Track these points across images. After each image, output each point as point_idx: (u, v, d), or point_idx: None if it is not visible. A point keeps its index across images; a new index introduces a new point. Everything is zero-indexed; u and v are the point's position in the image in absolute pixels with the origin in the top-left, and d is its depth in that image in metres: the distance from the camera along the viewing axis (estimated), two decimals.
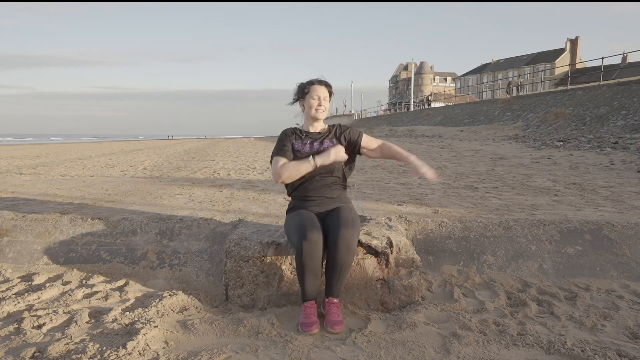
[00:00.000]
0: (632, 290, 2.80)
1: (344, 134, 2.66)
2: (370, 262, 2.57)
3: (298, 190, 2.62)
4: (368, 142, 2.67)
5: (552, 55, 64.80)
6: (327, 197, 2.57)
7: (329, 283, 2.40)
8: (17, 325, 2.28)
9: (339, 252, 2.31)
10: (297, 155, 2.57)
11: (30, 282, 2.91)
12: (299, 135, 2.64)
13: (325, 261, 2.41)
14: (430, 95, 53.39)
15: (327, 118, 2.73)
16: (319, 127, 2.66)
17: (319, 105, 2.56)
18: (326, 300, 2.40)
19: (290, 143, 2.61)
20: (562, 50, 64.72)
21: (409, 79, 75.77)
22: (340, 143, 2.61)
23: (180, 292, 2.76)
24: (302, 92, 2.61)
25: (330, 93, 2.61)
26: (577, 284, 2.91)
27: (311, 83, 2.59)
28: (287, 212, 2.69)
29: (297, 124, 2.73)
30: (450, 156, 10.43)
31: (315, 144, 2.60)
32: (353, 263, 2.51)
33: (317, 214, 2.53)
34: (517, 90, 32.35)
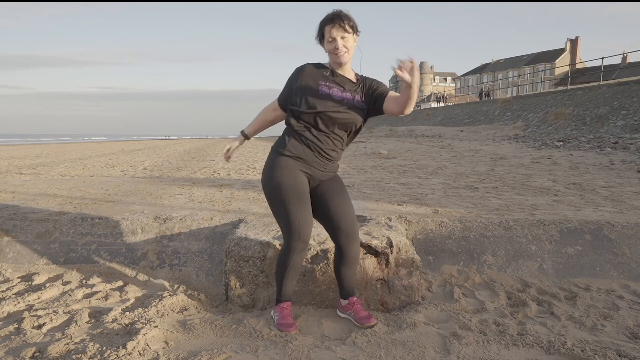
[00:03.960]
0: (632, 290, 2.80)
1: (374, 89, 2.27)
2: (370, 262, 2.57)
3: (300, 135, 2.23)
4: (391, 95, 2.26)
5: (552, 55, 64.78)
6: (325, 158, 2.25)
7: (344, 282, 2.36)
8: (17, 325, 2.28)
9: (350, 245, 2.27)
10: (325, 101, 2.18)
11: (30, 282, 2.91)
12: (327, 77, 2.24)
13: (334, 259, 2.37)
14: (436, 93, 53.16)
15: None
16: (348, 72, 2.28)
17: (337, 48, 2.16)
18: (346, 302, 2.39)
19: (309, 84, 2.22)
20: (562, 50, 64.70)
21: None
22: (368, 99, 2.27)
23: (180, 292, 2.76)
24: (320, 35, 2.21)
25: (351, 28, 2.15)
26: (577, 284, 2.91)
27: (324, 23, 2.17)
28: (275, 150, 2.28)
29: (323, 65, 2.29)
30: (450, 156, 10.43)
31: (347, 94, 2.23)
32: None
33: (309, 177, 2.27)
34: (488, 95, 32.84)
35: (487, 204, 4.21)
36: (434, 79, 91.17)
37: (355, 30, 2.19)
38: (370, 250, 2.58)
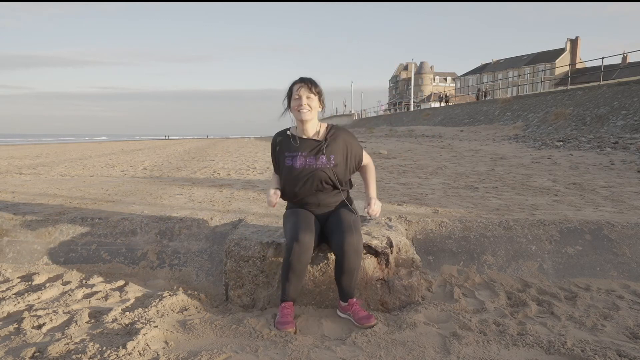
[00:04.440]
0: (632, 290, 2.80)
1: (353, 153, 2.52)
2: (370, 262, 2.57)
3: (295, 201, 2.59)
4: (364, 160, 2.64)
5: (552, 55, 64.78)
6: (325, 205, 2.54)
7: (343, 288, 2.40)
8: (17, 325, 2.28)
9: (348, 258, 2.31)
10: (291, 172, 2.46)
11: (30, 282, 2.91)
12: (289, 145, 2.50)
13: (335, 267, 2.41)
14: (437, 93, 53.44)
15: (327, 118, 2.63)
16: (311, 130, 2.49)
17: (300, 105, 2.39)
18: (346, 304, 2.41)
19: (280, 157, 2.53)
20: (562, 50, 64.70)
21: (409, 79, 75.86)
22: (342, 155, 2.48)
23: (180, 292, 2.76)
24: (289, 95, 2.47)
25: (316, 92, 2.42)
26: (577, 284, 2.91)
27: (294, 83, 2.45)
28: (286, 208, 2.69)
29: (289, 130, 2.57)
30: (450, 156, 10.42)
31: (309, 159, 2.45)
32: None
33: (317, 215, 2.53)
34: (484, 96, 33.24)
35: (487, 204, 4.21)
36: (434, 79, 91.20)
37: (320, 96, 2.45)
38: (370, 250, 2.58)
